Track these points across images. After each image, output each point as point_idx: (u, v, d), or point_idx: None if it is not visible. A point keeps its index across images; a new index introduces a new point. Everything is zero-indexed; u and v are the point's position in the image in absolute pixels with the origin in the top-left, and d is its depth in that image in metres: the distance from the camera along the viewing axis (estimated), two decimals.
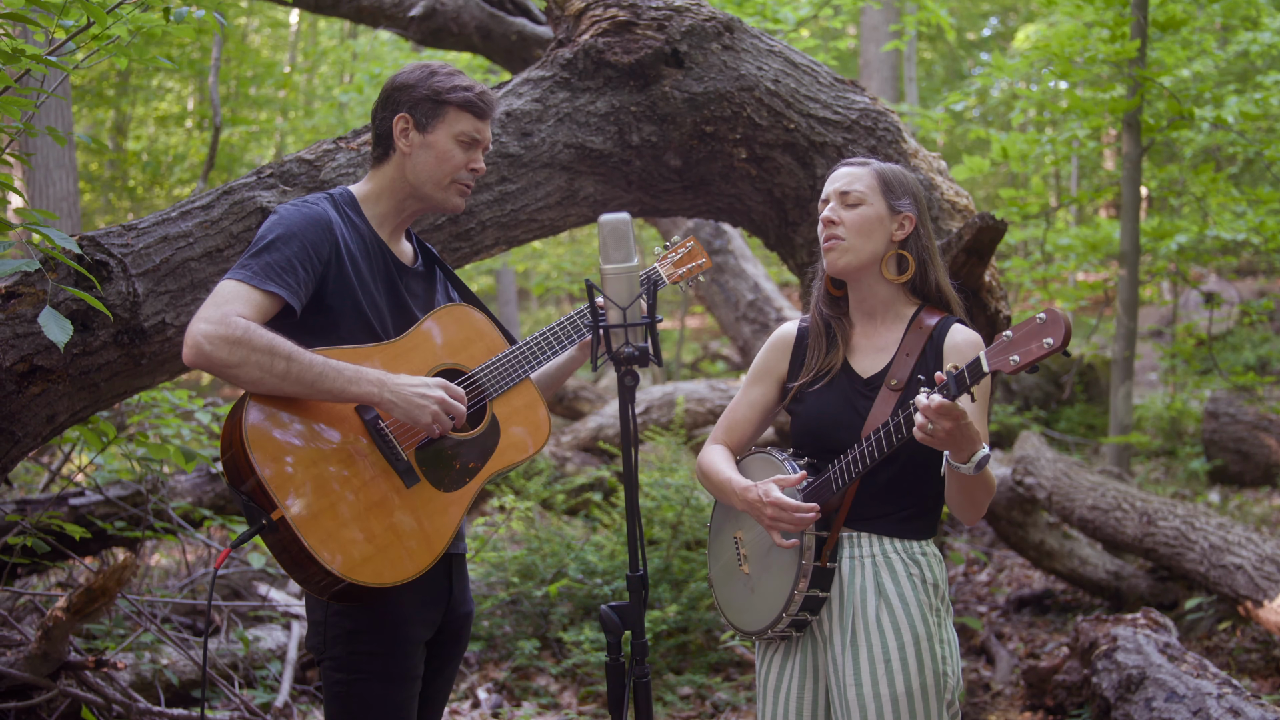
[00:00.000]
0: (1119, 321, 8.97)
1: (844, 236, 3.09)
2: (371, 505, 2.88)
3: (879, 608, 2.98)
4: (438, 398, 2.92)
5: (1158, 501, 6.90)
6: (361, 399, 2.88)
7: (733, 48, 4.75)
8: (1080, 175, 19.67)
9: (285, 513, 2.75)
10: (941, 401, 2.64)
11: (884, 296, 3.15)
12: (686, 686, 6.04)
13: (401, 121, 3.12)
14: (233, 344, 2.74)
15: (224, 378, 2.80)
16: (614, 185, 4.76)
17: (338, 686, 3.01)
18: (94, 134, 16.01)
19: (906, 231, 3.12)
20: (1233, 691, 4.44)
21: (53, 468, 6.87)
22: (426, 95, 3.11)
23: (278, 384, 2.80)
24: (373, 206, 3.17)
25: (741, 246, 9.40)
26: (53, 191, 7.99)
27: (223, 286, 2.85)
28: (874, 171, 3.14)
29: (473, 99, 3.14)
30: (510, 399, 3.18)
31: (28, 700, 4.38)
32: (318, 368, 2.82)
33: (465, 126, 3.14)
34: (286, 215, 3.00)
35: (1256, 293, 16.64)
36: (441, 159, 3.13)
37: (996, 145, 9.21)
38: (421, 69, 3.16)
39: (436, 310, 3.20)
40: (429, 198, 3.19)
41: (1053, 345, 2.55)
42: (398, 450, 2.96)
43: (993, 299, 4.71)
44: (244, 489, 2.80)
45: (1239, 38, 11.58)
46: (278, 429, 2.84)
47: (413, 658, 3.07)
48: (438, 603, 3.13)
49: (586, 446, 10.43)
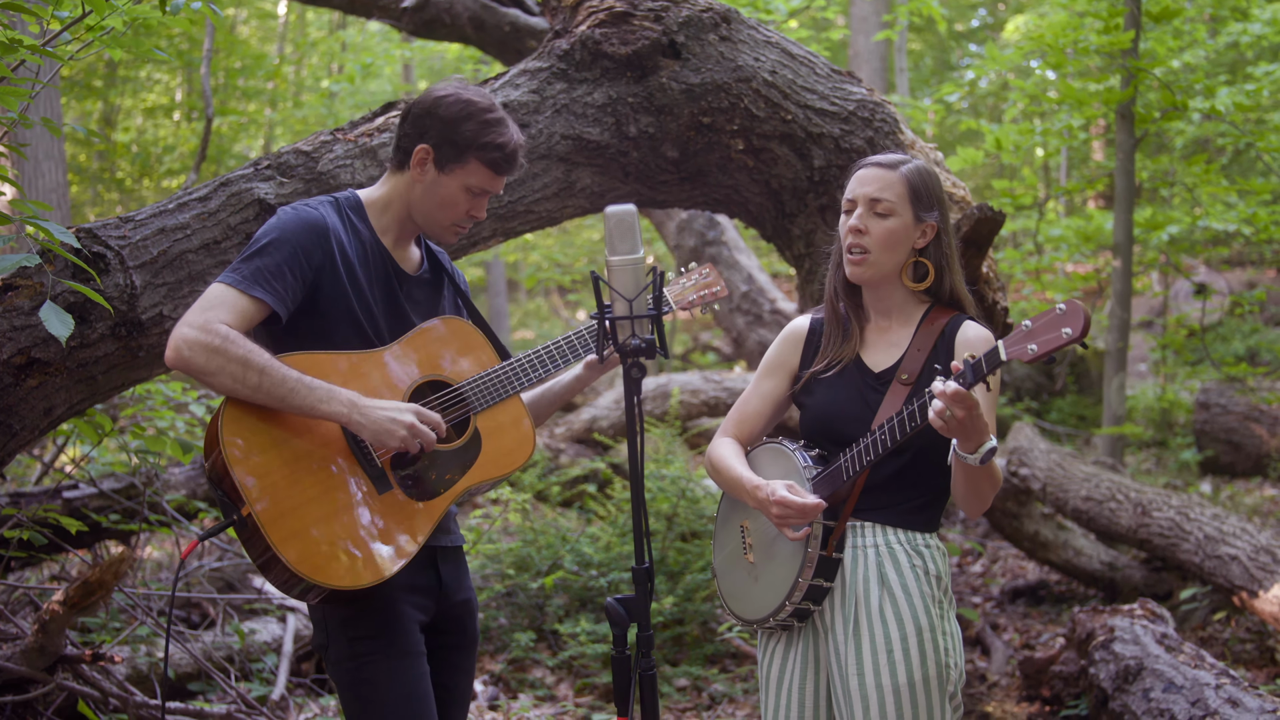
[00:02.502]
0: (1112, 313, 8.98)
1: (870, 249, 3.06)
2: (341, 508, 2.91)
3: (882, 598, 2.98)
4: (408, 423, 2.91)
5: (1152, 492, 6.91)
6: (330, 418, 2.89)
7: (730, 39, 4.74)
8: (1070, 166, 19.68)
9: (252, 509, 2.79)
10: (957, 388, 2.64)
11: (899, 299, 3.16)
12: (683, 678, 6.04)
13: (422, 152, 3.08)
14: (210, 352, 2.78)
15: (201, 383, 2.84)
16: (611, 176, 4.75)
17: (345, 675, 3.02)
18: (83, 125, 15.93)
19: (928, 239, 3.10)
20: (1230, 682, 4.45)
21: (45, 460, 6.84)
22: (455, 139, 3.06)
23: (250, 395, 2.83)
24: (379, 214, 3.16)
25: (735, 238, 9.40)
26: (42, 183, 7.94)
27: (212, 290, 2.88)
28: (904, 179, 3.09)
29: (499, 160, 3.09)
30: (496, 414, 3.17)
31: (24, 694, 4.37)
32: (289, 384, 2.83)
33: (480, 181, 3.11)
34: (283, 219, 3.01)
35: (1246, 283, 16.67)
36: (445, 204, 3.12)
37: (990, 136, 9.20)
38: (463, 105, 3.08)
39: (430, 321, 3.19)
40: (424, 228, 3.19)
41: (1072, 335, 2.54)
42: (372, 457, 2.97)
43: (990, 290, 4.71)
44: (218, 484, 2.86)
45: (1229, 28, 11.60)
46: (254, 429, 2.87)
47: (411, 634, 3.06)
48: (427, 591, 3.12)
49: (580, 438, 10.42)
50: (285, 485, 2.86)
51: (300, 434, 2.92)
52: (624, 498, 7.10)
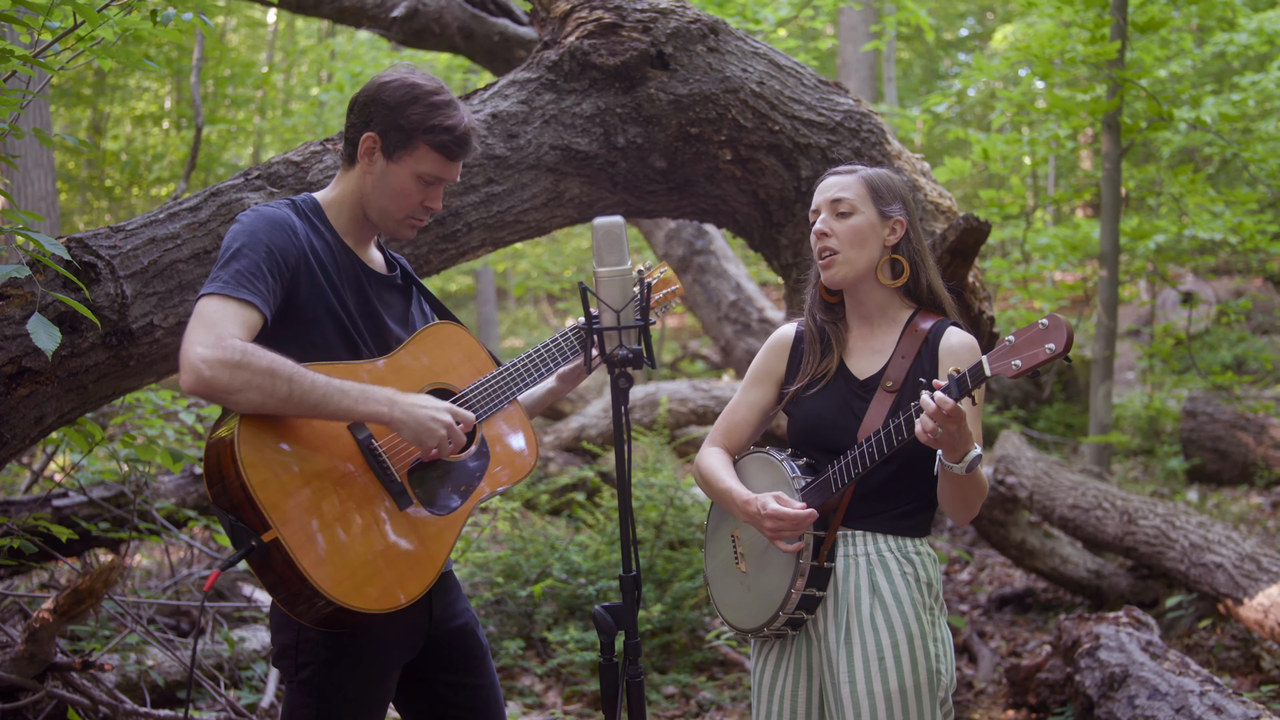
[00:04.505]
0: (1099, 321, 9.02)
1: (838, 249, 3.11)
2: (366, 528, 2.76)
3: (873, 606, 3.01)
4: (446, 422, 2.79)
5: (1138, 500, 6.95)
6: (371, 418, 2.75)
7: (718, 50, 4.77)
8: (1058, 175, 19.76)
9: (279, 533, 2.59)
10: (943, 402, 2.66)
11: (879, 301, 3.18)
12: (671, 686, 6.06)
13: (369, 140, 2.95)
14: (233, 368, 2.57)
15: (222, 403, 2.64)
16: (599, 187, 4.77)
17: (305, 709, 2.86)
18: (71, 133, 15.92)
19: (899, 236, 3.15)
20: (1215, 689, 4.48)
21: (35, 468, 6.84)
22: (401, 124, 2.91)
23: (279, 407, 2.64)
24: (336, 215, 3.01)
25: (723, 247, 9.42)
26: (31, 191, 7.94)
27: (205, 305, 2.67)
28: (862, 179, 3.16)
29: (448, 143, 2.94)
30: (498, 422, 3.10)
31: (13, 702, 4.36)
32: (320, 389, 2.67)
33: (431, 167, 2.96)
34: (248, 222, 2.83)
35: (1233, 292, 16.76)
36: (397, 195, 2.97)
37: (977, 146, 9.25)
38: (407, 89, 2.94)
39: (427, 327, 3.10)
40: (379, 223, 3.02)
41: (1055, 351, 2.57)
42: (391, 471, 2.83)
43: (976, 299, 4.74)
44: (232, 509, 2.64)
45: (1215, 38, 11.67)
46: (268, 447, 2.68)
47: (390, 682, 2.97)
48: (418, 624, 3.00)
49: (569, 446, 10.44)
50: (309, 506, 2.68)
51: (317, 450, 2.75)
52: (612, 506, 7.12)
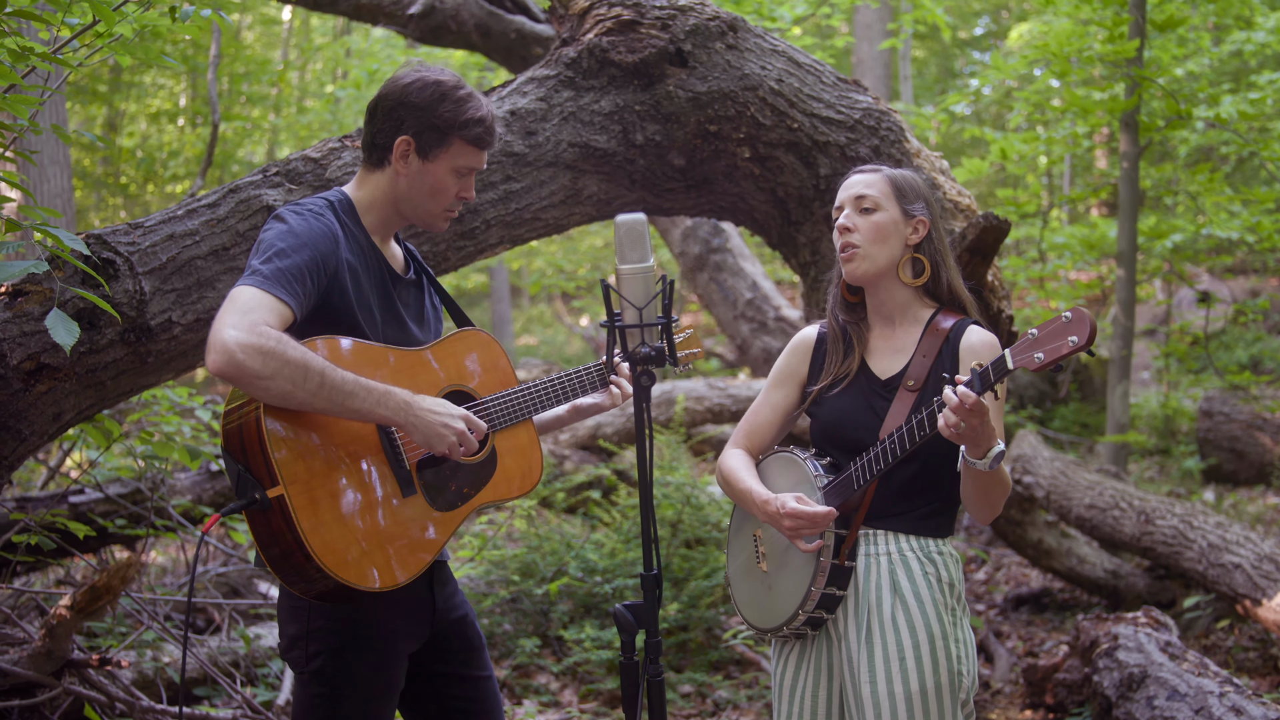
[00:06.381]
0: (1116, 321, 8.99)
1: (860, 244, 3.11)
2: (368, 506, 2.82)
3: (895, 605, 3.00)
4: (458, 430, 2.85)
5: (1155, 500, 6.92)
6: (385, 421, 2.80)
7: (737, 47, 4.75)
8: (1074, 174, 19.70)
9: (285, 491, 2.66)
10: (967, 397, 2.65)
11: (901, 300, 3.17)
12: (687, 684, 6.05)
13: (404, 144, 3.00)
14: (265, 355, 2.60)
15: (249, 389, 2.66)
16: (618, 184, 4.76)
17: (318, 700, 2.93)
18: (88, 129, 15.96)
19: (921, 235, 3.14)
20: (1234, 690, 4.45)
21: (51, 465, 6.86)
22: (435, 123, 2.99)
23: (306, 399, 2.68)
24: (367, 215, 3.07)
25: (740, 245, 9.42)
26: (48, 188, 7.96)
27: (242, 293, 2.69)
28: (886, 177, 3.16)
29: (482, 135, 3.03)
30: (512, 435, 3.15)
31: (31, 698, 4.37)
32: (348, 386, 2.72)
33: (467, 160, 3.05)
34: (296, 227, 2.88)
35: (1249, 291, 16.68)
36: (436, 190, 3.05)
37: (995, 146, 9.22)
38: (433, 88, 3.00)
39: (463, 332, 3.17)
40: (416, 220, 3.10)
41: (1078, 344, 2.56)
42: (402, 458, 2.91)
43: (995, 298, 4.72)
44: (243, 455, 2.71)
45: (1233, 37, 11.62)
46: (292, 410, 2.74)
47: (399, 671, 3.02)
48: (422, 613, 3.08)
49: (585, 445, 10.43)
50: (319, 473, 2.74)
51: (337, 422, 2.81)
52: (629, 504, 7.11)
